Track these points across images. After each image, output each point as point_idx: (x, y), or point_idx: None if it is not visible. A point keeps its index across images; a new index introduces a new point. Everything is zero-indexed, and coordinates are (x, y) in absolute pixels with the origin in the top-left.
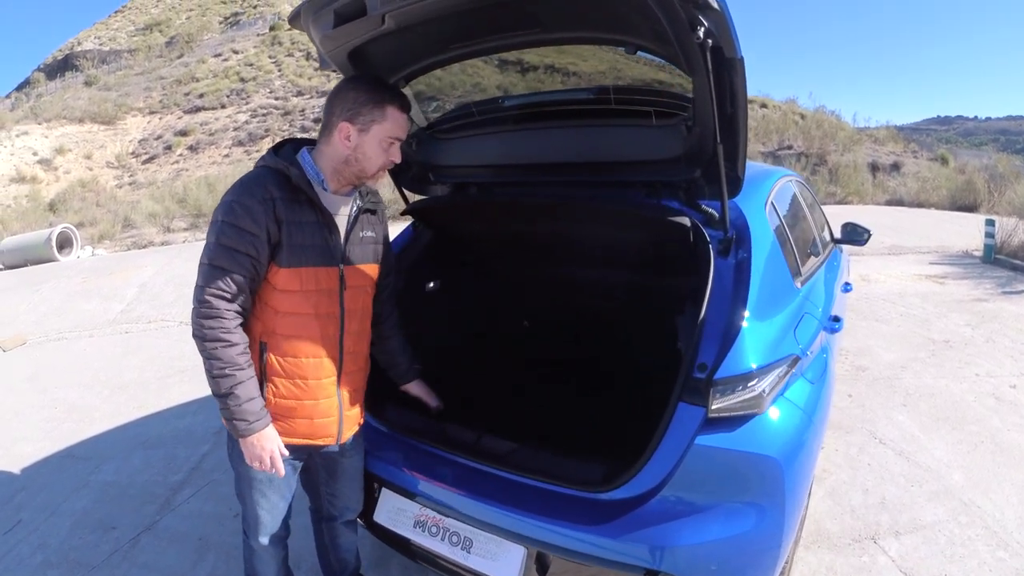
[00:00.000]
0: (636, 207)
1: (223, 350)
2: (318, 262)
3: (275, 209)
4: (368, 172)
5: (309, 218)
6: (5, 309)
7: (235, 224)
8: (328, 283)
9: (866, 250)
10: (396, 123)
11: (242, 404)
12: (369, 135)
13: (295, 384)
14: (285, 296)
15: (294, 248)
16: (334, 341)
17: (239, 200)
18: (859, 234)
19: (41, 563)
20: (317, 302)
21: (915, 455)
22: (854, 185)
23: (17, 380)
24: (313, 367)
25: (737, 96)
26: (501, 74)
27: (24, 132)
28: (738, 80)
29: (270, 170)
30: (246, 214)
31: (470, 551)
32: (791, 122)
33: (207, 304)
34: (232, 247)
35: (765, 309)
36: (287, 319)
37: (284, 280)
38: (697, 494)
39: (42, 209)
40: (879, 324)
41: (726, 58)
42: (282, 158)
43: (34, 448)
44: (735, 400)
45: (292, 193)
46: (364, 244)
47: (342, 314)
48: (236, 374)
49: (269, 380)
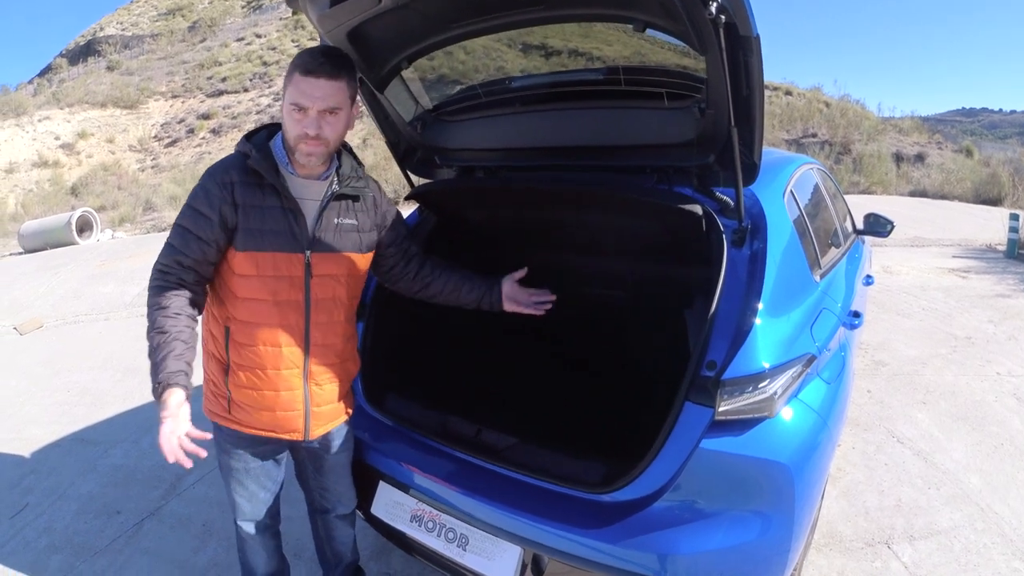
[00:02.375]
0: (645, 194)
1: (156, 313)
2: (277, 247)
3: (233, 192)
4: (290, 143)
5: (271, 203)
6: (23, 293)
7: (192, 206)
8: (289, 270)
9: (889, 241)
10: (297, 88)
11: (157, 362)
12: (284, 106)
13: (255, 373)
14: (243, 280)
15: (251, 232)
16: (297, 331)
17: (202, 184)
18: (882, 225)
19: (46, 547)
20: (276, 288)
21: (933, 456)
22: (878, 175)
23: (32, 363)
24: (271, 356)
25: (753, 77)
26: (525, 58)
27: (46, 117)
28: (754, 60)
29: (239, 154)
30: (203, 196)
31: (466, 549)
32: (816, 110)
33: (154, 276)
34: (185, 227)
35: (780, 304)
36: (245, 304)
37: (241, 264)
38: (701, 500)
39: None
40: (900, 318)
41: (741, 36)
42: (254, 143)
43: (45, 431)
44: (744, 402)
45: (255, 177)
46: (340, 231)
47: (307, 303)
48: (159, 337)
49: (231, 369)
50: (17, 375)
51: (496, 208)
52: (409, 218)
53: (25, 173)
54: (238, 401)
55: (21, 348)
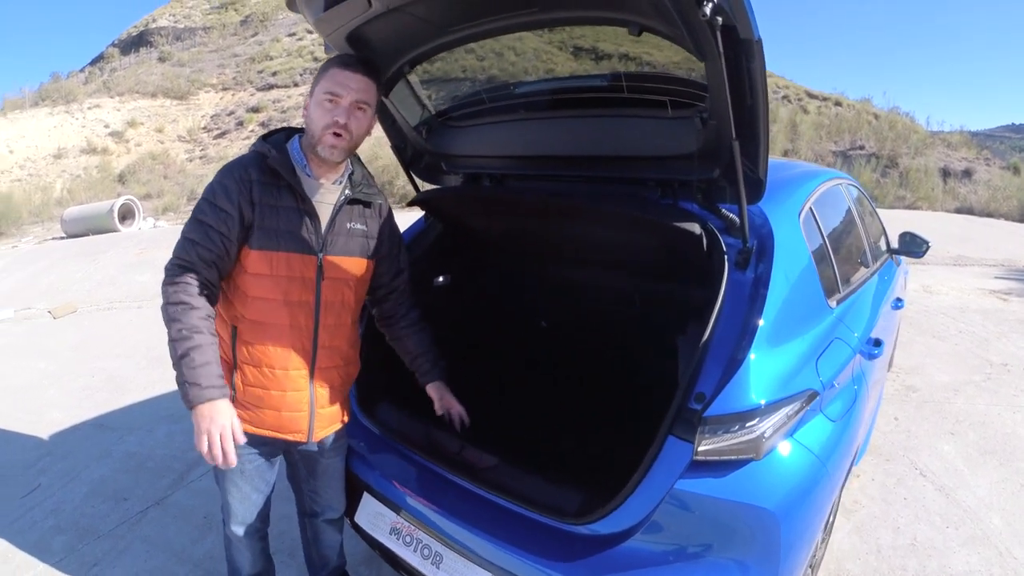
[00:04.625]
0: (640, 210)
1: (184, 312)
2: (292, 248)
3: (251, 191)
4: (315, 137)
5: (287, 203)
6: (61, 277)
7: (211, 201)
8: (302, 271)
9: (930, 259)
10: (333, 79)
11: (196, 368)
12: (314, 98)
13: (262, 372)
14: (255, 279)
15: (266, 231)
16: (306, 332)
17: (220, 180)
18: (917, 245)
19: (51, 528)
20: (288, 289)
21: (956, 492)
22: (924, 190)
23: (61, 347)
24: (280, 356)
25: (756, 85)
26: (537, 61)
27: (96, 105)
28: (756, 66)
29: (256, 154)
30: (223, 192)
31: (439, 567)
32: (865, 121)
33: (174, 271)
34: (205, 222)
35: (783, 333)
36: (256, 303)
37: (254, 262)
38: (676, 543)
39: (111, 180)
40: (936, 341)
41: (741, 39)
42: (272, 144)
43: (65, 415)
44: (728, 442)
45: (272, 177)
46: (351, 236)
47: (317, 305)
48: (195, 336)
49: (239, 367)
50: (46, 358)
51: (487, 217)
52: (416, 224)
53: (73, 159)
54: (243, 401)
55: (53, 331)
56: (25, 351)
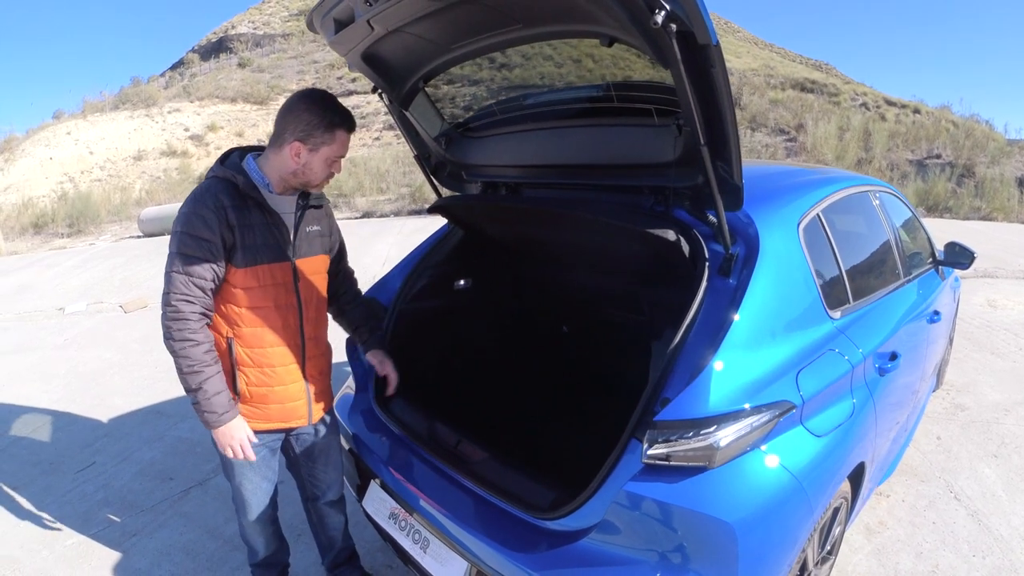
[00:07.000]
0: (616, 216)
1: (191, 349)
2: (271, 259)
3: (227, 216)
4: (313, 183)
5: (258, 220)
6: (134, 274)
7: (191, 234)
8: (283, 277)
9: (1000, 272)
10: (342, 145)
11: (211, 398)
12: (318, 155)
13: (264, 372)
14: (246, 293)
15: (248, 249)
16: (295, 329)
17: (194, 211)
18: (964, 256)
19: (100, 501)
20: (276, 295)
21: (989, 518)
22: (1000, 200)
23: (129, 340)
24: (279, 355)
25: (718, 91)
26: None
27: (176, 109)
28: (717, 71)
29: (219, 180)
30: (201, 223)
31: (426, 552)
32: (943, 129)
33: (173, 308)
34: (191, 255)
35: (758, 341)
36: (250, 313)
37: (242, 279)
38: (627, 543)
39: (190, 182)
40: (994, 358)
41: (699, 45)
42: (228, 167)
43: (126, 401)
44: (679, 448)
45: (240, 200)
46: (312, 238)
47: (299, 303)
48: (204, 370)
49: (240, 372)
50: (113, 349)
51: (491, 223)
52: (441, 229)
53: (153, 161)
54: (250, 400)
55: (123, 325)
56: (95, 342)
